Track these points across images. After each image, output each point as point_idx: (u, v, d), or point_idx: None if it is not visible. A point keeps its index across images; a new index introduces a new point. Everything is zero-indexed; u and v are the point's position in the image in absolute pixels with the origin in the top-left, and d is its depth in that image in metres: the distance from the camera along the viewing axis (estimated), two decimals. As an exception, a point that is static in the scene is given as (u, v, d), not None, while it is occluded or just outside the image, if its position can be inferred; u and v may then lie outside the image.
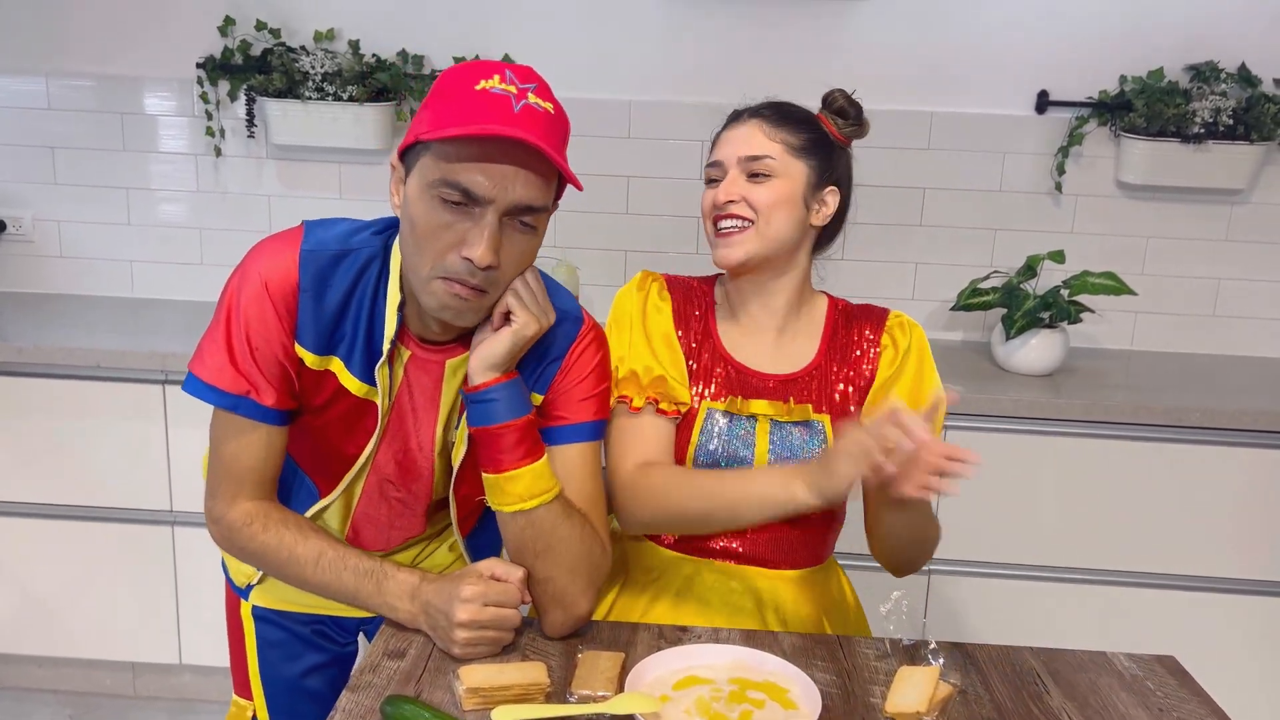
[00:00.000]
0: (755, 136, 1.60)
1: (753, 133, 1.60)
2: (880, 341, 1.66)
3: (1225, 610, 2.58)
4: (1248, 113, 2.71)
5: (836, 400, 1.63)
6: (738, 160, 1.60)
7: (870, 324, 1.68)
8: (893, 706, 1.29)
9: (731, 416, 1.61)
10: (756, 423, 1.60)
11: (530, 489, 1.39)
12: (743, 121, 1.63)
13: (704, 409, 1.61)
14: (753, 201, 1.58)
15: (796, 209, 1.60)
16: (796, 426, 1.60)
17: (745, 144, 1.59)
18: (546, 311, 1.40)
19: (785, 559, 1.64)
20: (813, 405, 1.62)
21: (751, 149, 1.59)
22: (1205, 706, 1.36)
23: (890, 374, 1.63)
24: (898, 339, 1.65)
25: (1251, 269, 2.89)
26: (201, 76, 2.84)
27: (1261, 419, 2.47)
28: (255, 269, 1.38)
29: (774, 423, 1.60)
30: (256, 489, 1.45)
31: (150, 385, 2.56)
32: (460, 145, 1.27)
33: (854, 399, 1.63)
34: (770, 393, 1.62)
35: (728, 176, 1.60)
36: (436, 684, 1.32)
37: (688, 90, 2.83)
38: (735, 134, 1.62)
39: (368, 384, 1.43)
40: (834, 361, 1.65)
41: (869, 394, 1.63)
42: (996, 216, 2.88)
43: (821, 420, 1.62)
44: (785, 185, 1.58)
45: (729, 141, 1.62)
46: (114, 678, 2.86)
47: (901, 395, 1.59)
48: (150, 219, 2.98)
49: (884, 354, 1.65)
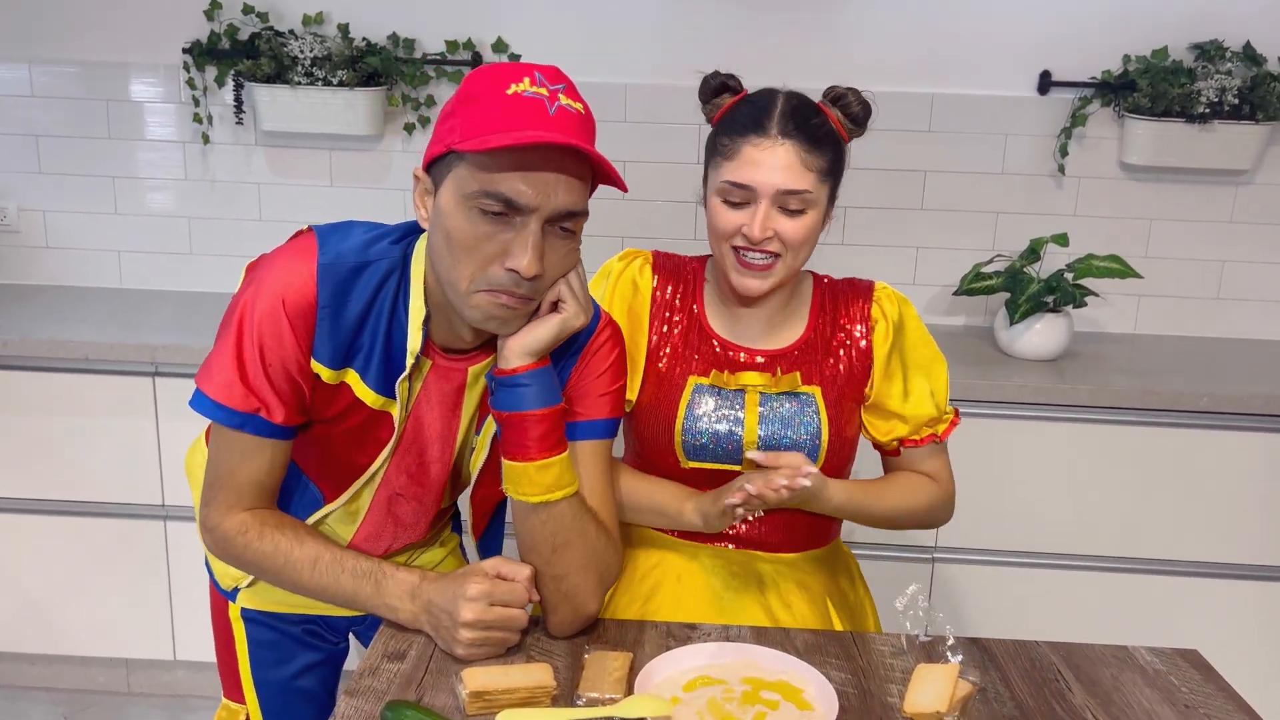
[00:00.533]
0: (792, 166, 1.49)
1: (789, 160, 1.49)
2: (871, 314, 1.63)
3: (1234, 595, 2.55)
4: (1253, 92, 2.67)
5: (828, 373, 1.61)
6: (774, 193, 1.50)
7: (857, 297, 1.65)
8: (911, 707, 1.25)
9: (719, 391, 1.58)
10: (745, 395, 1.58)
11: (559, 480, 1.35)
12: (774, 140, 1.50)
13: (690, 385, 1.59)
14: (785, 237, 1.52)
15: (818, 233, 1.57)
16: (786, 398, 1.58)
17: (782, 174, 1.49)
18: (589, 307, 1.38)
19: (787, 542, 1.63)
20: (801, 375, 1.60)
21: (790, 182, 1.49)
22: (1232, 702, 1.33)
23: (888, 348, 1.62)
24: (887, 310, 1.64)
25: (1256, 251, 2.85)
26: (188, 62, 2.78)
27: (1272, 403, 2.44)
28: (271, 283, 1.32)
29: (763, 395, 1.58)
30: (256, 500, 1.40)
31: (140, 378, 2.51)
32: (500, 155, 1.23)
33: (849, 370, 1.62)
34: (757, 366, 1.60)
35: (760, 208, 1.50)
36: (439, 687, 1.28)
37: (685, 73, 2.76)
38: (767, 157, 1.49)
39: (384, 396, 1.39)
40: (823, 336, 1.63)
41: (872, 370, 1.62)
42: (998, 199, 2.84)
43: (811, 392, 1.59)
44: (815, 217, 1.54)
45: (760, 165, 1.50)
46: (108, 675, 2.82)
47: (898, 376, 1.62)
48: (138, 208, 2.93)
49: (876, 327, 1.63)
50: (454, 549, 1.69)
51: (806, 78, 1.68)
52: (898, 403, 1.62)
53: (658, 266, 1.67)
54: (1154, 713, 1.30)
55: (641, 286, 1.64)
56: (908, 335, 1.64)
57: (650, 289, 1.64)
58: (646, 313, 1.63)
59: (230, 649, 1.61)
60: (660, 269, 1.66)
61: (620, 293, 1.64)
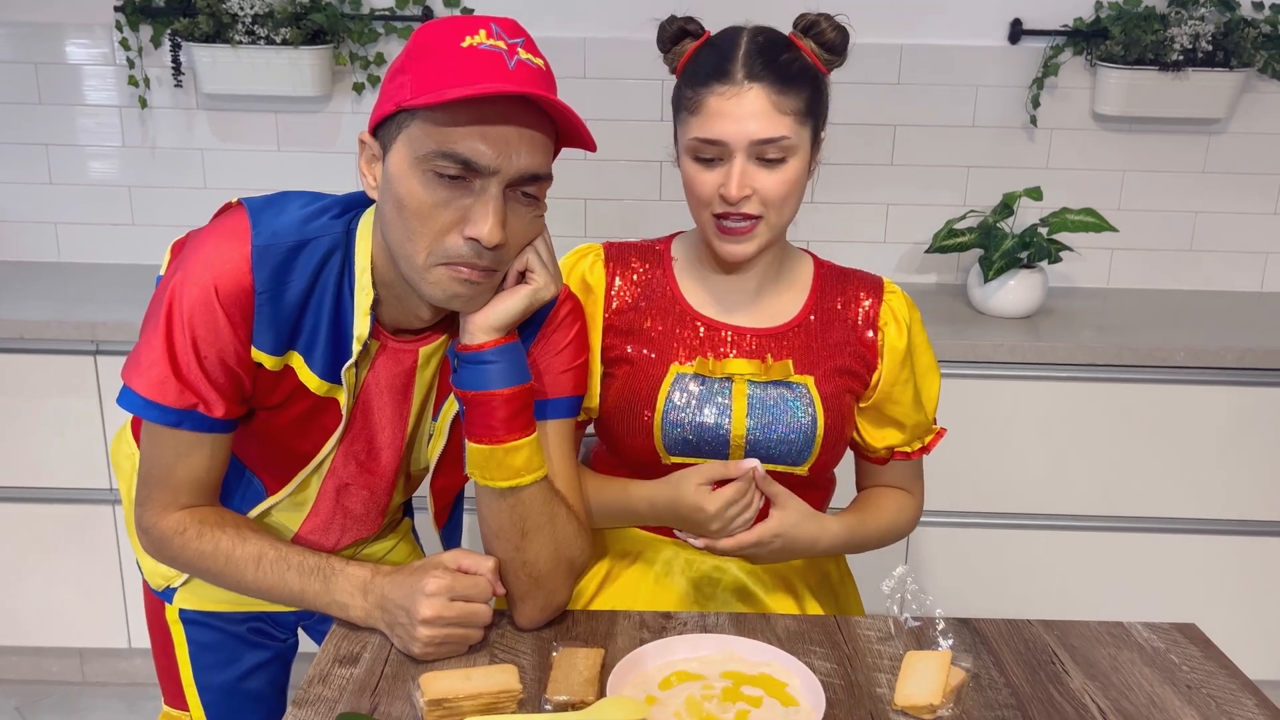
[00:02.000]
0: (764, 112, 1.34)
1: (759, 105, 1.34)
2: (880, 313, 1.51)
3: (1214, 550, 2.53)
4: (1227, 38, 2.60)
5: (825, 363, 1.48)
6: (747, 144, 1.35)
7: (864, 289, 1.53)
8: (903, 699, 1.18)
9: (703, 379, 1.46)
10: (733, 384, 1.45)
11: (529, 463, 1.27)
12: (740, 86, 1.35)
13: (671, 374, 1.45)
14: (765, 194, 1.37)
15: (803, 183, 1.41)
16: (776, 387, 1.46)
17: (754, 122, 1.34)
18: (559, 277, 1.29)
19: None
20: (795, 362, 1.47)
21: (764, 130, 1.34)
22: (1235, 680, 1.27)
23: (902, 353, 1.50)
24: (900, 312, 1.51)
25: (1228, 201, 2.80)
26: (120, 21, 2.63)
27: (1247, 356, 2.40)
28: (200, 269, 1.21)
29: (752, 384, 1.45)
30: (194, 498, 1.30)
31: (82, 357, 2.40)
32: (456, 110, 1.13)
33: (850, 364, 1.49)
34: (746, 350, 1.47)
35: (734, 164, 1.36)
36: (395, 693, 1.20)
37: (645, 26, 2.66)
38: (734, 106, 1.35)
39: (330, 382, 1.29)
40: (822, 321, 1.50)
41: (878, 372, 1.50)
42: (970, 153, 2.76)
43: (804, 382, 1.46)
44: (797, 165, 1.38)
45: (727, 115, 1.35)
46: (61, 664, 2.72)
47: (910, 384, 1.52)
48: (74, 177, 2.78)
49: (887, 328, 1.50)
50: (406, 534, 1.60)
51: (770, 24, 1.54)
52: (903, 411, 1.52)
53: (611, 258, 1.52)
54: (1156, 694, 1.24)
55: (594, 284, 1.50)
56: (917, 342, 1.53)
57: (604, 287, 1.50)
58: (600, 313, 1.49)
59: (169, 653, 1.50)
60: (614, 259, 1.52)
61: None
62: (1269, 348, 2.40)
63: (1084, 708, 1.22)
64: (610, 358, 1.49)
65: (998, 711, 1.20)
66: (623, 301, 1.50)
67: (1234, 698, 1.24)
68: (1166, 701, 1.23)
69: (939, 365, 1.58)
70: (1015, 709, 1.21)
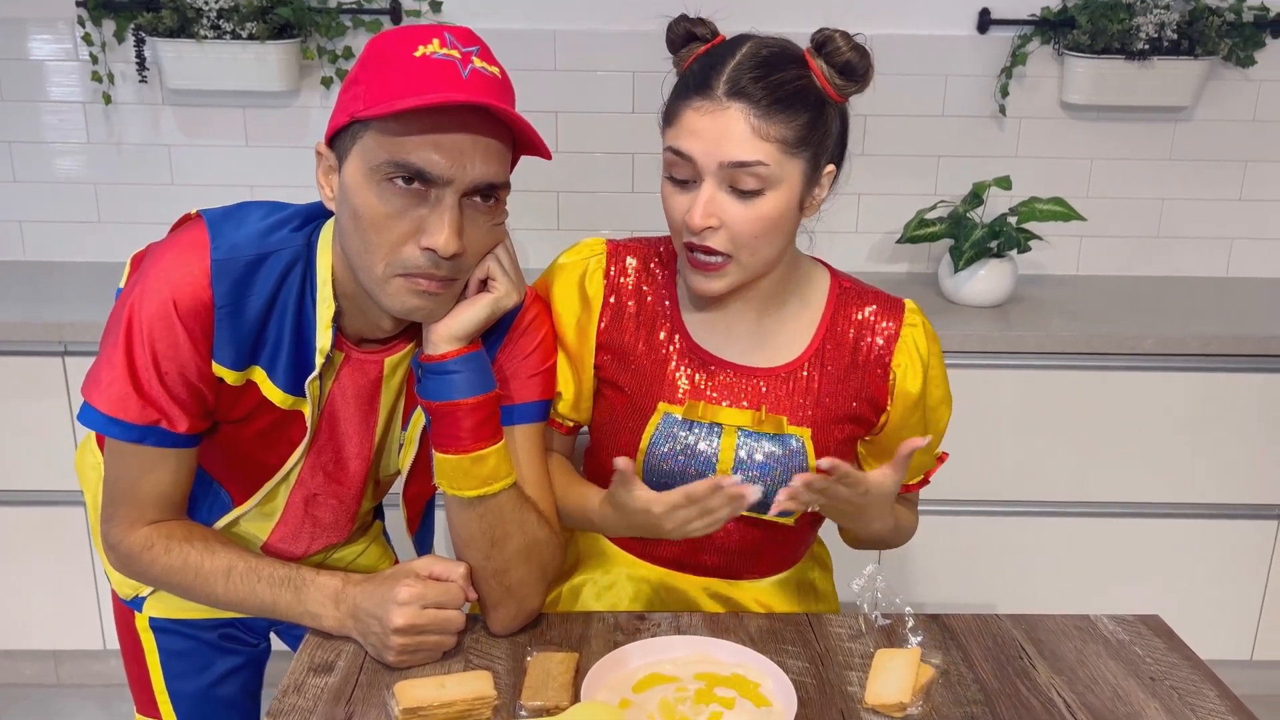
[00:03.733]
0: (738, 134, 1.21)
1: (734, 126, 1.21)
2: (895, 351, 1.38)
3: (1183, 534, 2.56)
4: (1191, 26, 2.62)
5: (824, 411, 1.38)
6: (717, 167, 1.22)
7: (884, 316, 1.39)
8: (873, 697, 1.20)
9: (691, 424, 1.37)
10: (722, 431, 1.37)
11: (496, 471, 1.26)
12: (717, 103, 1.22)
13: (660, 412, 1.37)
14: (735, 230, 1.24)
15: (789, 222, 1.27)
16: (769, 439, 1.36)
17: (727, 144, 1.21)
18: (522, 285, 1.28)
19: (753, 568, 1.48)
20: (789, 415, 1.36)
21: (737, 152, 1.21)
22: (1198, 671, 1.29)
23: (915, 396, 1.39)
24: (919, 348, 1.39)
25: (1194, 187, 2.83)
26: (83, 16, 2.60)
27: (1213, 343, 2.42)
28: (159, 284, 1.19)
29: (742, 432, 1.36)
30: (161, 513, 1.29)
31: (49, 358, 2.37)
32: (407, 120, 1.12)
33: (856, 409, 1.39)
34: (742, 392, 1.37)
35: (702, 189, 1.24)
36: (371, 701, 1.20)
37: (616, 17, 2.66)
38: (708, 124, 1.22)
39: (294, 395, 1.28)
40: (831, 359, 1.38)
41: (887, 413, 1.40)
42: (939, 143, 2.77)
43: (800, 435, 1.36)
44: (778, 200, 1.24)
45: (701, 134, 1.23)
46: (35, 667, 2.70)
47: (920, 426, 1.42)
48: (39, 175, 2.75)
49: (900, 370, 1.38)
50: (377, 536, 1.60)
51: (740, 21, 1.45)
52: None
53: (612, 265, 1.41)
54: (1120, 687, 1.26)
55: (591, 296, 1.39)
56: (931, 380, 1.41)
57: (600, 301, 1.40)
58: (594, 325, 1.40)
59: (140, 662, 1.50)
60: (616, 266, 1.41)
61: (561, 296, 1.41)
62: (1234, 334, 2.43)
63: (1050, 702, 1.23)
64: (602, 377, 1.43)
65: (966, 708, 1.22)
66: (619, 314, 1.41)
67: (1196, 689, 1.26)
68: (1131, 694, 1.25)
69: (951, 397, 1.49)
70: (983, 705, 1.23)
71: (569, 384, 1.43)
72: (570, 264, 1.43)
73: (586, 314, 1.41)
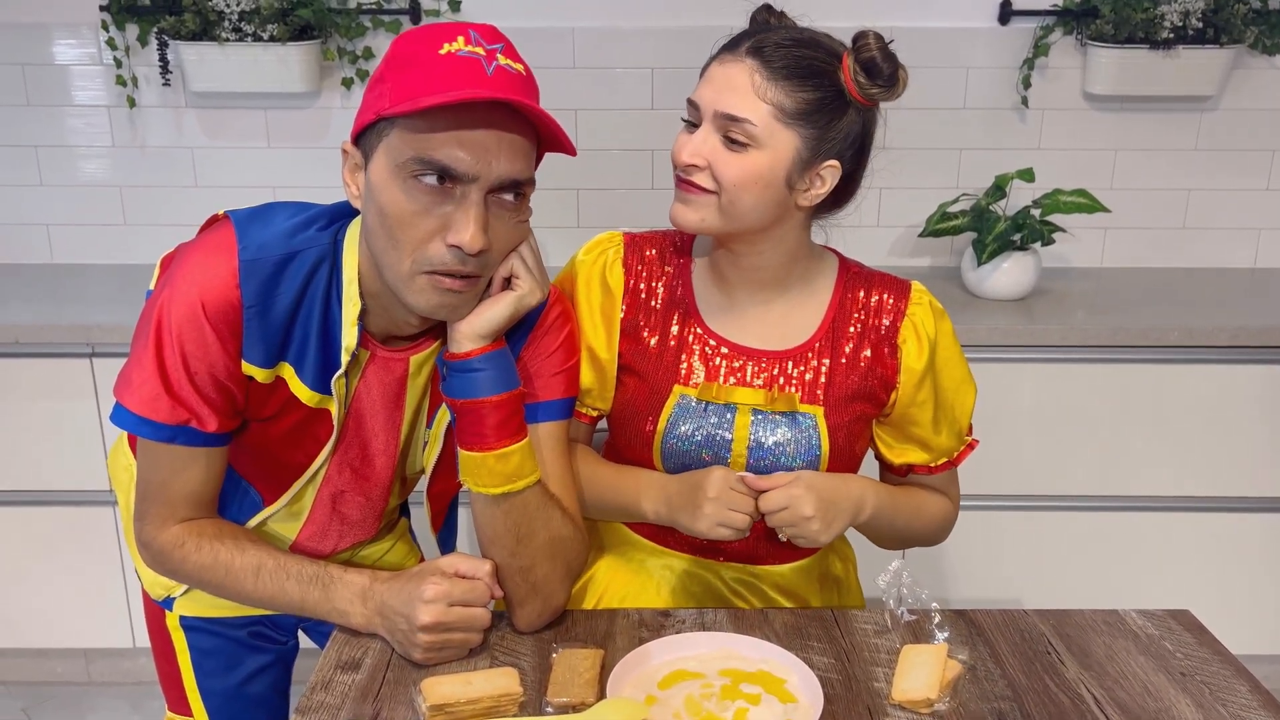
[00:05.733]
0: (741, 88, 1.28)
1: (739, 80, 1.28)
2: (901, 329, 1.42)
3: (1210, 528, 2.54)
4: (1217, 14, 2.59)
5: (836, 390, 1.41)
6: (714, 114, 1.30)
7: (889, 299, 1.43)
8: (900, 693, 1.19)
9: (706, 405, 1.41)
10: (736, 411, 1.40)
11: (520, 469, 1.27)
12: (737, 56, 1.29)
13: (675, 395, 1.41)
14: (719, 173, 1.30)
15: (773, 190, 1.31)
16: (782, 418, 1.40)
17: (728, 93, 1.28)
18: (545, 283, 1.29)
19: (775, 554, 1.50)
20: (803, 393, 1.40)
21: (732, 105, 1.28)
22: (1229, 666, 1.28)
23: (921, 371, 1.41)
24: (922, 326, 1.42)
25: (1221, 178, 2.80)
26: (106, 20, 2.62)
27: (1241, 334, 2.40)
28: (187, 285, 1.21)
29: (756, 412, 1.40)
30: (192, 511, 1.31)
31: (77, 360, 2.39)
32: (433, 117, 1.13)
33: (866, 387, 1.42)
34: (754, 374, 1.42)
35: (700, 130, 1.32)
36: (398, 699, 1.21)
37: (634, 14, 2.66)
38: (721, 73, 1.30)
39: (321, 393, 1.29)
40: (839, 339, 1.42)
41: (896, 391, 1.43)
42: (961, 135, 2.76)
43: (813, 413, 1.40)
44: (763, 160, 1.29)
45: (712, 80, 1.31)
46: (66, 665, 2.73)
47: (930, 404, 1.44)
48: (65, 179, 2.78)
49: (906, 346, 1.42)
50: (403, 534, 1.61)
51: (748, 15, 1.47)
52: (924, 431, 1.46)
53: (631, 255, 1.46)
54: (1150, 683, 1.25)
55: (612, 285, 1.44)
56: (942, 357, 1.43)
57: (621, 289, 1.44)
58: (618, 313, 1.44)
59: (171, 660, 1.51)
60: (634, 256, 1.45)
61: (585, 289, 1.45)
62: (1262, 325, 2.40)
63: (1079, 698, 1.23)
64: (622, 364, 1.46)
65: (994, 703, 1.21)
66: (639, 302, 1.45)
67: (1227, 684, 1.25)
68: (1161, 690, 1.24)
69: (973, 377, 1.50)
70: (1011, 700, 1.22)
71: (596, 375, 1.45)
72: (590, 258, 1.47)
73: (610, 303, 1.45)
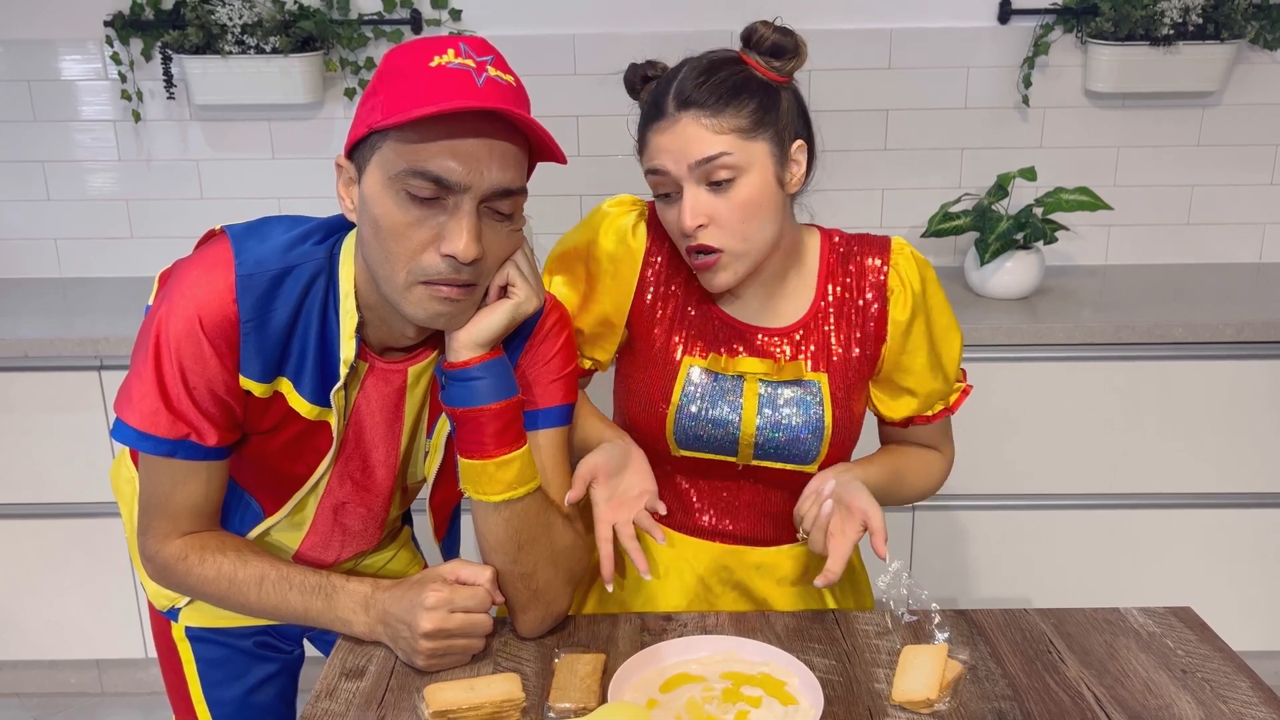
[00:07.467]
0: (695, 136, 1.31)
1: (690, 131, 1.31)
2: (888, 283, 1.45)
3: (1216, 524, 2.53)
4: (1217, 10, 2.59)
5: (837, 355, 1.46)
6: (688, 169, 1.32)
7: (871, 258, 1.47)
8: (900, 694, 1.20)
9: (715, 376, 1.44)
10: (744, 382, 1.44)
11: (521, 476, 1.28)
12: (671, 118, 1.33)
13: (685, 367, 1.45)
14: (722, 221, 1.33)
15: (773, 198, 1.36)
16: (788, 386, 1.44)
17: (690, 147, 1.31)
18: (541, 290, 1.30)
19: (777, 536, 1.53)
20: (810, 362, 1.45)
21: (700, 150, 1.31)
22: (1230, 663, 1.28)
23: (907, 321, 1.45)
24: (906, 277, 1.45)
25: (1224, 173, 2.80)
26: (110, 35, 2.64)
27: (1246, 330, 2.40)
28: (184, 302, 1.22)
29: (763, 383, 1.44)
30: (194, 524, 1.32)
31: (85, 372, 2.41)
32: (424, 128, 1.14)
33: (861, 347, 1.46)
34: (760, 349, 1.46)
35: (684, 194, 1.33)
36: (402, 705, 1.22)
37: (634, 20, 2.67)
38: (669, 139, 1.33)
39: (320, 406, 1.30)
40: (832, 308, 1.47)
41: (886, 343, 1.46)
42: (963, 135, 2.76)
43: (818, 380, 1.44)
44: (754, 180, 1.33)
45: (665, 148, 1.33)
46: (79, 676, 2.75)
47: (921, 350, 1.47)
48: (72, 193, 2.80)
49: (894, 296, 1.45)
50: (406, 542, 1.62)
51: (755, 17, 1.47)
52: (915, 379, 1.48)
53: (654, 224, 1.47)
54: (1151, 680, 1.25)
55: (634, 247, 1.46)
56: (928, 303, 1.47)
57: (643, 251, 1.46)
58: (635, 275, 1.46)
59: (178, 671, 1.52)
60: (656, 227, 1.47)
61: (605, 242, 1.46)
62: (1268, 320, 2.40)
63: (1080, 696, 1.23)
64: (633, 331, 1.48)
65: (995, 703, 1.22)
66: (656, 273, 1.47)
67: (1228, 681, 1.25)
68: (1162, 687, 1.24)
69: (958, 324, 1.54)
70: (1012, 700, 1.22)
71: (601, 325, 1.47)
72: (617, 212, 1.49)
73: (629, 262, 1.47)
